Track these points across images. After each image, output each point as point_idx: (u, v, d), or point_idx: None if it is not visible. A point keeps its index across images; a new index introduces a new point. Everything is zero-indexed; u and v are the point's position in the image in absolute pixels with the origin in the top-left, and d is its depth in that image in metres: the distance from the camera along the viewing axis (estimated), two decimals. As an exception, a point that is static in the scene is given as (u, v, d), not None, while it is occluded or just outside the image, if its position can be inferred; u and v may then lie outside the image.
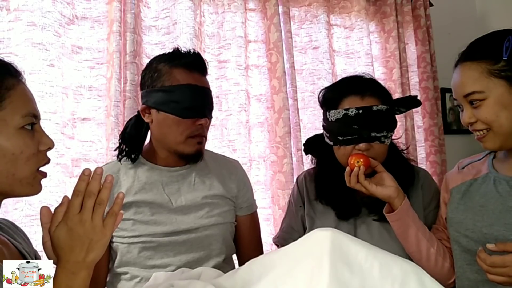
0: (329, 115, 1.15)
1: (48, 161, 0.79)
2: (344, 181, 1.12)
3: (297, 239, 0.84)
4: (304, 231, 1.26)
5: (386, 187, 1.08)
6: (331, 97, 1.18)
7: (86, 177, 0.73)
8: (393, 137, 1.22)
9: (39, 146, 0.76)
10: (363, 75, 1.23)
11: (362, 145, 1.11)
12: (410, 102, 1.21)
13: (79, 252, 0.70)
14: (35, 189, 0.77)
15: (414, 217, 1.09)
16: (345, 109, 1.11)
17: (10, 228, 0.86)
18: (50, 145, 0.78)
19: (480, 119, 0.96)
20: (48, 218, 0.75)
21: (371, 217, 1.18)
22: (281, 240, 1.29)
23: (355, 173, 1.08)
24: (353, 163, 1.09)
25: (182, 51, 1.17)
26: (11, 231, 0.85)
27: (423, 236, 1.08)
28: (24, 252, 0.82)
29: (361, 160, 1.09)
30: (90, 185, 0.73)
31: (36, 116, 0.77)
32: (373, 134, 1.11)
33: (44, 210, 0.76)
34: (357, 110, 1.10)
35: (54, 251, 0.72)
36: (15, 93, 0.73)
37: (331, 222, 1.19)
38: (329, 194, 1.22)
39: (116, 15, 1.64)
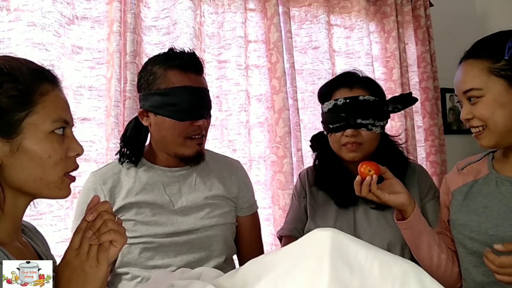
0: (323, 107, 1.27)
1: (76, 167, 0.79)
2: (342, 171, 1.20)
3: (302, 228, 0.85)
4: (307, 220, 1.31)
5: (398, 194, 1.06)
6: (324, 91, 1.29)
7: (88, 220, 0.74)
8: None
9: (67, 152, 0.76)
10: (356, 71, 1.30)
11: (349, 131, 1.19)
12: (405, 99, 1.25)
13: (75, 284, 0.71)
14: (64, 192, 0.77)
15: (425, 223, 1.08)
16: (335, 100, 1.22)
17: (30, 230, 0.87)
18: (79, 151, 0.78)
19: (476, 116, 0.97)
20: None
21: (369, 205, 1.22)
22: (286, 231, 1.32)
23: (367, 183, 1.06)
24: (363, 172, 1.06)
25: (176, 51, 1.16)
26: (31, 234, 0.86)
27: (434, 242, 1.07)
28: (42, 255, 0.82)
29: (373, 169, 1.06)
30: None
31: (67, 122, 0.77)
32: (359, 121, 1.18)
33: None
34: (345, 99, 1.20)
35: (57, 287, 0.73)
36: (49, 99, 0.74)
37: (332, 211, 1.25)
38: (329, 183, 1.28)
39: (116, 15, 1.64)
